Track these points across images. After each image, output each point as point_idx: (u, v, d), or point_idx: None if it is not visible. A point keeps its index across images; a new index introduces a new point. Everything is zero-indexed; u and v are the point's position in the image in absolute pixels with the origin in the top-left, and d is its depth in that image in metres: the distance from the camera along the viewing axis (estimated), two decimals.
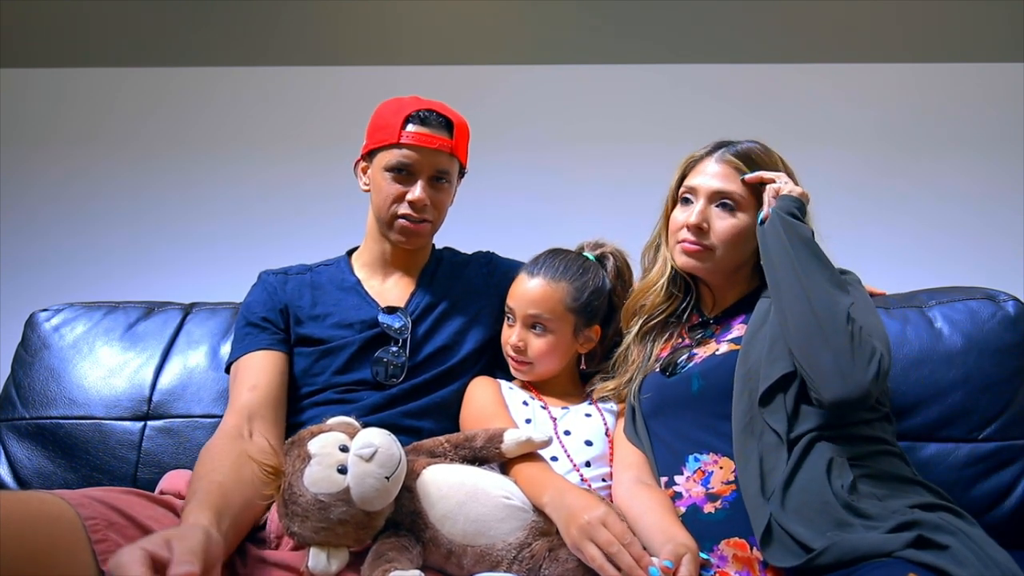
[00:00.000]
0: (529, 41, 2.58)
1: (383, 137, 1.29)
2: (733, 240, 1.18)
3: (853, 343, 0.98)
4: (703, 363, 1.16)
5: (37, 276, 2.50)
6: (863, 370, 0.97)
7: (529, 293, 1.26)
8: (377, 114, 1.34)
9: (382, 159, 1.29)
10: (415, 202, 1.27)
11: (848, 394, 0.97)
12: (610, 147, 2.52)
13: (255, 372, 1.21)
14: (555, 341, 1.27)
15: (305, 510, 0.92)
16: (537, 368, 1.28)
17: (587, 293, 1.28)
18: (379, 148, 1.30)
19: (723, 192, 1.18)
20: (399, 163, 1.27)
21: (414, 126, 1.27)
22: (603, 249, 1.38)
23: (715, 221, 1.19)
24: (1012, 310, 1.39)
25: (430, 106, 1.30)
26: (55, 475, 1.39)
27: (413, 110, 1.28)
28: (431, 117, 1.28)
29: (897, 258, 2.34)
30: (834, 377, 0.98)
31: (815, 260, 1.07)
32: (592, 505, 0.96)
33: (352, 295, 1.34)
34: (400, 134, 1.27)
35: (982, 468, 1.31)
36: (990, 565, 0.86)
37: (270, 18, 2.49)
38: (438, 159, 1.29)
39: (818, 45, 2.55)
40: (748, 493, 1.01)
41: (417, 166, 1.27)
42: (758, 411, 1.04)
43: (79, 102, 2.67)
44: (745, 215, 1.18)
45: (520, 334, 1.27)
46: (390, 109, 1.32)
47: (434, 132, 1.28)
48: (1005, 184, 2.47)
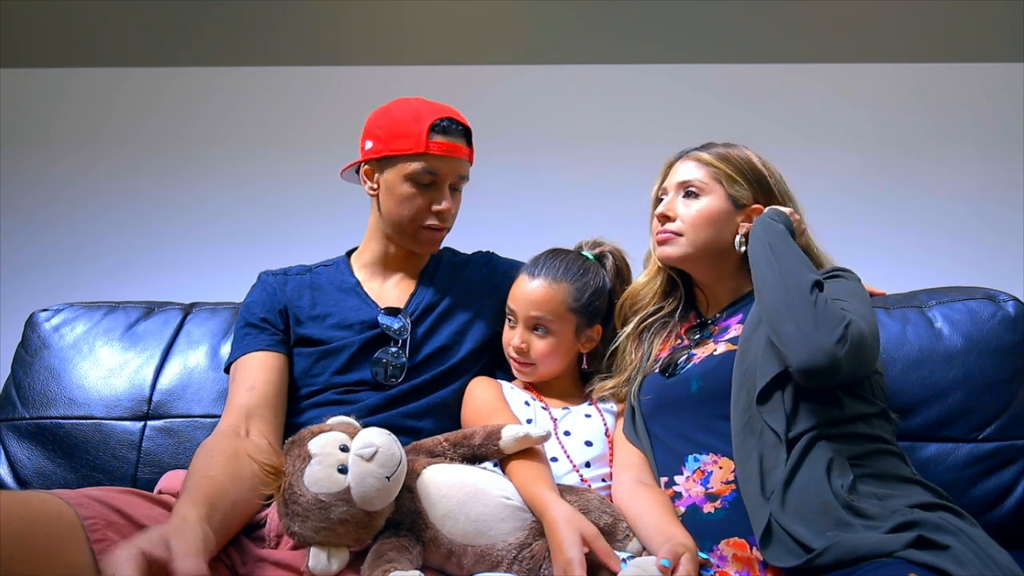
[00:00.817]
0: (529, 41, 2.58)
1: (405, 146, 1.26)
2: (697, 222, 1.23)
3: (816, 309, 0.99)
4: (702, 364, 1.16)
5: (37, 276, 2.50)
6: (827, 334, 0.97)
7: (530, 295, 1.26)
8: (390, 119, 1.30)
9: (403, 168, 1.27)
10: (443, 212, 1.28)
11: (813, 359, 0.97)
12: (610, 147, 2.52)
13: (253, 373, 1.21)
14: (557, 342, 1.27)
15: (306, 510, 0.92)
16: (540, 369, 1.28)
17: (588, 293, 1.28)
18: (398, 156, 1.27)
19: (684, 182, 1.25)
20: (427, 174, 1.26)
21: (439, 136, 1.26)
22: (602, 248, 1.38)
23: (680, 209, 1.25)
24: (1012, 310, 1.39)
25: (446, 113, 1.29)
26: (55, 475, 1.39)
27: (435, 119, 1.26)
28: (453, 127, 1.28)
29: (897, 258, 2.34)
30: (798, 343, 0.98)
31: (787, 248, 1.11)
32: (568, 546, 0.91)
33: (352, 296, 1.34)
34: (427, 144, 1.25)
35: (982, 468, 1.31)
36: (991, 565, 0.86)
37: (270, 18, 2.49)
38: (461, 167, 1.30)
39: (818, 45, 2.55)
40: (747, 493, 1.01)
41: (443, 176, 1.27)
42: (756, 410, 1.04)
43: (79, 102, 2.67)
44: (709, 198, 1.24)
45: (522, 335, 1.27)
46: (406, 114, 1.29)
47: (457, 142, 1.28)
48: (1005, 184, 2.47)
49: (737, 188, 1.23)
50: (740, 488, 1.03)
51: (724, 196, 1.23)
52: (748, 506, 1.00)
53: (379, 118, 1.32)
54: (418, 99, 1.32)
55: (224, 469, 0.98)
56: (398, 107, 1.31)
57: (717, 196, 1.23)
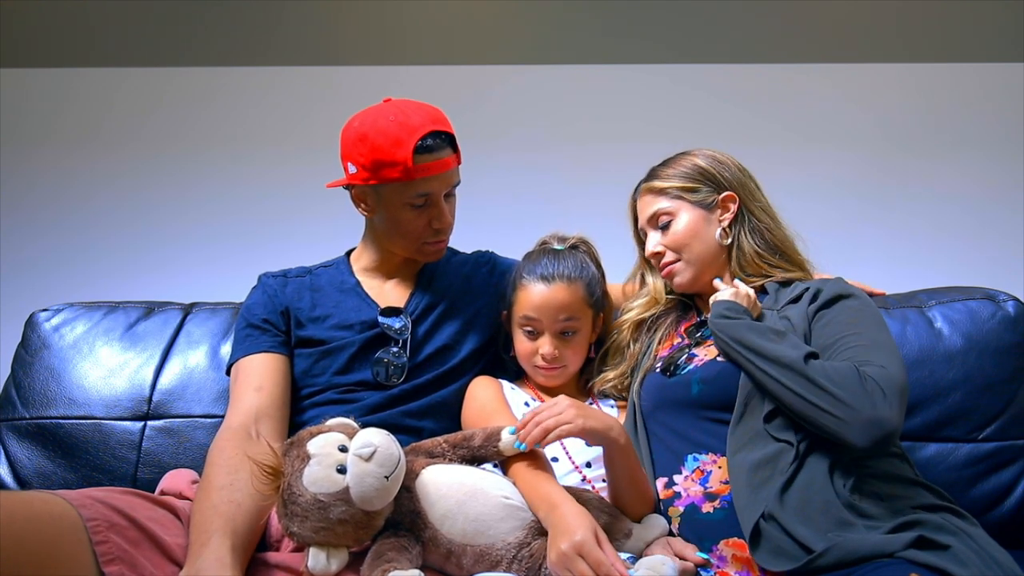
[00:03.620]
0: (529, 41, 2.58)
1: (393, 174, 1.21)
2: (682, 242, 1.26)
3: (835, 386, 0.97)
4: (704, 368, 1.16)
5: (37, 276, 2.50)
6: (862, 406, 0.96)
7: (554, 301, 1.25)
8: (372, 147, 1.21)
9: (396, 195, 1.24)
10: (444, 227, 1.29)
11: (871, 435, 0.95)
12: (610, 147, 2.51)
13: (259, 374, 1.21)
14: (582, 339, 1.30)
15: (305, 510, 0.92)
16: (571, 369, 1.30)
17: (596, 284, 1.31)
18: (388, 183, 1.23)
19: (653, 217, 1.29)
20: (419, 195, 1.24)
21: (425, 157, 1.21)
22: (572, 240, 1.38)
23: (663, 240, 1.28)
24: (1012, 310, 1.39)
25: (425, 129, 1.21)
26: (55, 475, 1.39)
27: (417, 140, 1.19)
28: (436, 142, 1.22)
29: (897, 258, 2.34)
30: (847, 430, 0.96)
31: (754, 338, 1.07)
32: (574, 528, 0.94)
33: (352, 296, 1.34)
34: (415, 170, 1.20)
35: (982, 468, 1.31)
36: (991, 565, 0.86)
37: (270, 18, 2.48)
38: (452, 178, 1.29)
39: (818, 45, 2.55)
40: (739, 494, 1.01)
41: (436, 192, 1.26)
42: (762, 428, 1.04)
43: (79, 102, 2.66)
44: (680, 218, 1.27)
45: (553, 343, 1.26)
46: (386, 140, 1.20)
47: (444, 156, 1.24)
48: (1005, 184, 2.46)
49: (698, 194, 1.26)
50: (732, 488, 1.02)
51: (691, 207, 1.27)
52: (737, 505, 1.00)
53: (358, 143, 1.23)
54: (392, 110, 1.23)
55: (247, 487, 0.97)
56: (374, 129, 1.22)
57: (686, 211, 1.26)
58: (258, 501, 0.97)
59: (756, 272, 1.25)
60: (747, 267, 1.25)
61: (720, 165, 1.28)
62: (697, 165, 1.28)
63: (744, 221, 1.27)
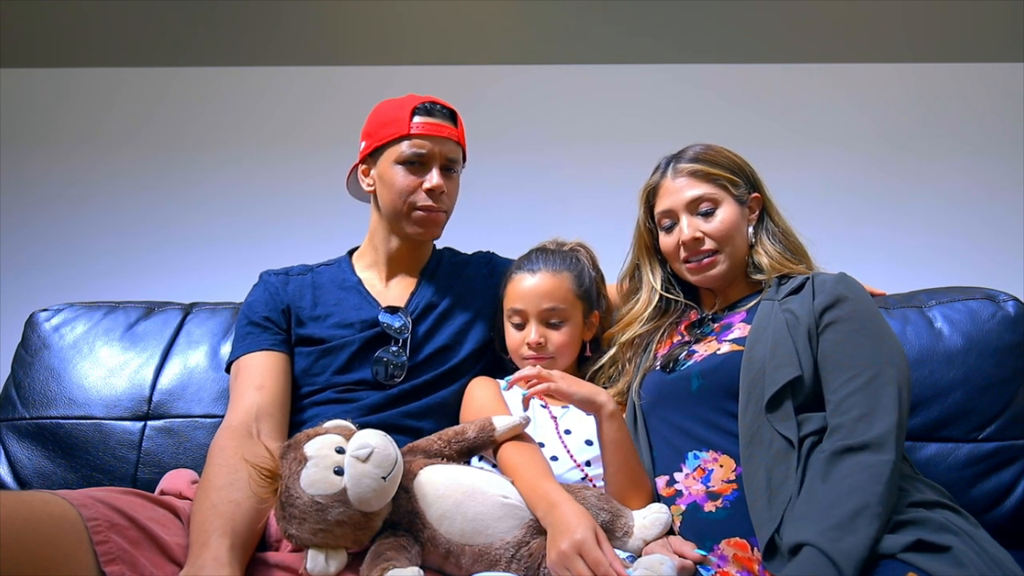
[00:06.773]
0: (529, 41, 2.58)
1: (391, 132, 1.29)
2: (726, 235, 1.21)
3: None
4: (703, 362, 1.16)
5: (37, 276, 2.50)
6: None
7: (538, 288, 1.27)
8: (377, 114, 1.35)
9: (392, 154, 1.29)
10: (434, 189, 1.28)
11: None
12: (610, 147, 2.51)
13: (260, 372, 1.21)
14: (571, 330, 1.29)
15: (303, 512, 0.92)
16: (558, 361, 1.28)
17: (587, 279, 1.31)
18: (386, 144, 1.30)
19: (694, 201, 1.21)
20: (413, 154, 1.28)
21: (422, 117, 1.29)
22: (569, 245, 1.39)
23: (704, 227, 1.21)
24: (1012, 310, 1.39)
25: (430, 98, 1.32)
26: (55, 475, 1.39)
27: (417, 103, 1.30)
28: (435, 108, 1.31)
29: (897, 258, 2.34)
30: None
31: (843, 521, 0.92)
32: (574, 528, 0.94)
33: (353, 295, 1.34)
34: (410, 125, 1.28)
35: (982, 468, 1.31)
36: (991, 565, 0.86)
37: (270, 18, 2.49)
38: (448, 147, 1.30)
39: (818, 45, 2.55)
40: (755, 508, 0.99)
41: (430, 155, 1.29)
42: (765, 418, 1.04)
43: (79, 102, 2.67)
44: (724, 208, 1.21)
45: (538, 331, 1.27)
46: (391, 106, 1.33)
47: (441, 122, 1.30)
48: (1005, 184, 2.46)
49: (739, 189, 1.24)
50: (747, 499, 1.01)
51: (732, 200, 1.22)
52: (754, 520, 0.99)
53: (369, 119, 1.36)
54: (406, 95, 1.35)
55: (248, 491, 0.97)
56: (383, 105, 1.36)
57: (728, 203, 1.22)
58: (257, 503, 0.97)
59: (771, 273, 1.21)
60: (764, 269, 1.22)
61: (745, 162, 1.26)
62: (734, 160, 1.25)
63: (764, 223, 1.25)
